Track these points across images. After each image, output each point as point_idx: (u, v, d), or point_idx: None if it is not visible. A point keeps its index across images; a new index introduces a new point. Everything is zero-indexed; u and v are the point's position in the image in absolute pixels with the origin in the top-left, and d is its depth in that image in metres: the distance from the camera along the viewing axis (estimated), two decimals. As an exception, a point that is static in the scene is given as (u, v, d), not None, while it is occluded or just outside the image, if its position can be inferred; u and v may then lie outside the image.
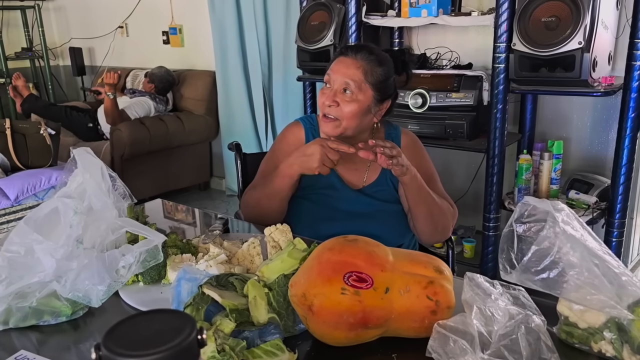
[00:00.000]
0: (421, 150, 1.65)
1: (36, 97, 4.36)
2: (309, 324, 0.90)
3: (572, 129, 2.74)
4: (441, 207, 1.50)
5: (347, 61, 1.46)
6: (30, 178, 2.93)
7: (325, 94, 1.47)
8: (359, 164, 1.58)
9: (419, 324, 0.88)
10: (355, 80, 1.44)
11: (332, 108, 1.45)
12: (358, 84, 1.44)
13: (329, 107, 1.45)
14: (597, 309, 0.80)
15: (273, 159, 1.62)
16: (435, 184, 1.59)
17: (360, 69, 1.45)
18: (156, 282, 1.16)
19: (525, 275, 0.82)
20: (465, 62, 2.85)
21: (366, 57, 1.46)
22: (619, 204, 2.34)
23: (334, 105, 1.44)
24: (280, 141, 1.66)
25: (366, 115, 1.48)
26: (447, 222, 1.53)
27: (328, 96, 1.45)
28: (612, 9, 2.28)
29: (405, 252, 0.98)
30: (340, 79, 1.45)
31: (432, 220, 1.49)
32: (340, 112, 1.45)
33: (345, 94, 1.45)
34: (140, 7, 4.82)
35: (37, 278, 0.98)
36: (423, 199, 1.45)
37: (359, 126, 1.49)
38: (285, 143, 1.64)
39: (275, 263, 0.98)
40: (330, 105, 1.44)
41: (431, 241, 1.64)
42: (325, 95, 1.46)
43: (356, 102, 1.44)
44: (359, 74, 1.44)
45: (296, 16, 3.23)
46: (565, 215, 0.84)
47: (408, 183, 1.40)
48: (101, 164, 1.15)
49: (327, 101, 1.45)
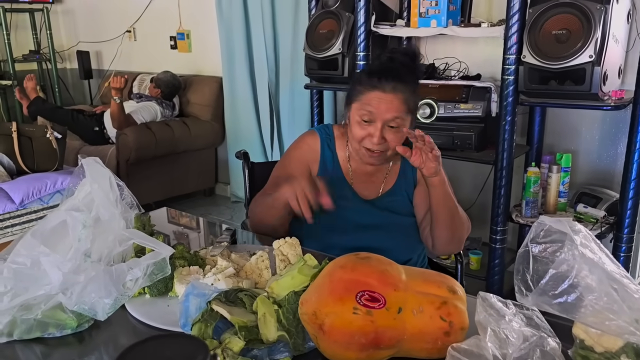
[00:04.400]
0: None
1: (43, 100, 4.37)
2: (319, 343, 0.89)
3: (581, 142, 2.72)
4: (461, 215, 1.50)
5: (387, 97, 1.43)
6: (36, 182, 2.93)
7: (369, 131, 1.44)
8: (375, 175, 1.57)
9: (432, 345, 0.87)
10: (400, 114, 1.43)
11: (380, 145, 1.45)
12: (403, 117, 1.44)
13: (378, 145, 1.44)
14: (615, 335, 0.79)
15: (285, 166, 1.61)
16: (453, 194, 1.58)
17: (402, 102, 1.43)
18: (163, 294, 1.14)
19: (542, 299, 0.80)
20: (473, 72, 2.84)
21: (402, 89, 1.44)
22: (628, 219, 2.32)
23: (382, 142, 1.44)
24: (294, 149, 1.64)
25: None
26: (463, 232, 1.52)
27: (376, 135, 1.43)
28: (623, 22, 2.27)
29: (419, 271, 0.96)
30: (386, 116, 1.43)
31: (452, 227, 1.48)
32: (388, 146, 1.45)
33: (391, 128, 1.44)
34: (148, 12, 4.83)
35: (43, 290, 0.97)
36: (447, 204, 1.44)
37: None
38: (299, 152, 1.62)
39: (285, 279, 0.96)
40: (379, 143, 1.44)
41: (445, 251, 1.62)
42: (368, 133, 1.45)
43: (401, 133, 1.45)
44: (402, 108, 1.43)
45: (304, 24, 3.23)
46: (582, 237, 0.82)
47: (437, 185, 1.39)
48: (109, 174, 1.13)
49: (375, 139, 1.43)
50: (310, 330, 0.89)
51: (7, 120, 5.14)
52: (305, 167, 1.59)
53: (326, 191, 1.33)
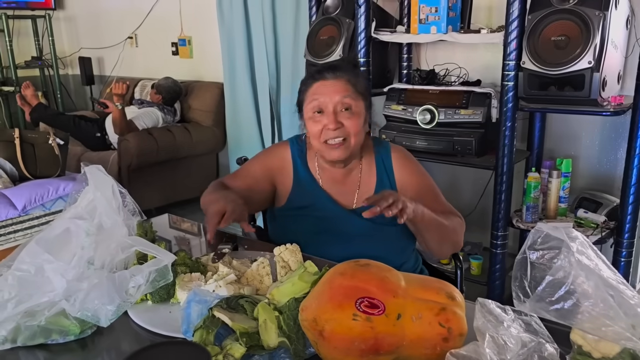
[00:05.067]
0: (416, 165, 1.61)
1: (45, 106, 4.39)
2: (319, 349, 0.90)
3: (581, 148, 2.73)
4: (450, 226, 1.47)
5: (331, 82, 1.45)
6: (38, 188, 2.94)
7: (322, 120, 1.44)
8: (347, 185, 1.57)
9: (431, 351, 0.88)
10: (349, 95, 1.43)
11: (338, 130, 1.43)
12: (353, 98, 1.44)
13: (335, 131, 1.43)
14: (612, 341, 0.80)
15: (251, 166, 1.64)
16: (439, 198, 1.57)
17: (348, 83, 1.45)
18: (165, 301, 1.15)
19: (539, 305, 0.81)
20: (473, 78, 2.85)
21: (345, 73, 1.46)
22: (628, 224, 2.32)
23: (339, 127, 1.43)
24: (263, 155, 1.67)
25: (364, 126, 1.49)
26: (457, 237, 1.51)
27: (330, 120, 1.42)
28: (622, 28, 2.28)
29: (418, 278, 0.97)
30: (334, 99, 1.43)
31: (443, 240, 1.48)
32: (346, 131, 1.44)
33: (345, 112, 1.43)
34: (150, 18, 4.85)
35: (46, 297, 0.98)
36: (432, 227, 1.42)
37: (361, 140, 1.49)
38: (268, 158, 1.64)
39: (285, 286, 0.97)
40: (335, 128, 1.42)
41: (443, 255, 1.62)
42: (322, 122, 1.44)
43: (357, 115, 1.45)
44: (350, 88, 1.44)
45: (305, 30, 3.25)
46: (579, 244, 0.83)
47: (416, 222, 1.37)
48: (112, 182, 1.15)
49: (330, 125, 1.42)
50: (311, 337, 0.90)
51: (10, 126, 5.16)
52: (268, 173, 1.61)
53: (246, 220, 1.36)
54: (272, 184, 1.62)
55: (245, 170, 1.64)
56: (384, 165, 1.57)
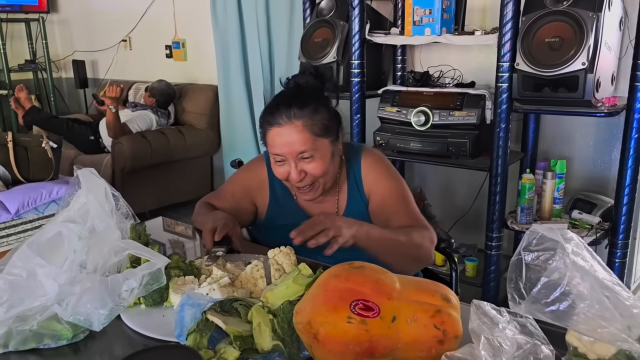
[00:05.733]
0: (386, 170, 1.52)
1: (38, 109, 4.37)
2: (314, 352, 0.89)
3: (575, 149, 2.74)
4: (410, 242, 1.35)
5: (285, 130, 1.34)
6: (31, 191, 2.92)
7: (285, 167, 1.38)
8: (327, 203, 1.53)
9: (426, 354, 0.87)
10: (305, 143, 1.34)
11: (303, 180, 1.38)
12: (311, 144, 1.34)
13: (300, 181, 1.38)
14: (608, 342, 0.79)
15: (230, 187, 1.62)
16: (408, 206, 1.46)
17: (304, 129, 1.34)
18: (158, 304, 1.14)
19: (534, 307, 0.81)
20: (468, 80, 2.85)
21: (300, 114, 1.34)
22: (623, 225, 2.33)
23: (303, 177, 1.38)
24: (241, 172, 1.65)
25: (333, 159, 1.42)
26: (420, 252, 1.38)
27: (293, 173, 1.36)
28: (615, 30, 2.29)
29: (413, 280, 0.97)
30: (290, 152, 1.35)
31: (401, 258, 1.35)
32: (312, 176, 1.39)
33: (305, 160, 1.36)
34: (144, 21, 4.84)
35: (38, 302, 0.97)
36: (381, 246, 1.31)
37: (333, 172, 1.44)
38: (245, 178, 1.62)
39: (280, 289, 0.96)
40: (300, 179, 1.37)
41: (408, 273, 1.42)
42: (286, 170, 1.38)
43: (320, 158, 1.37)
44: (306, 135, 1.34)
45: (299, 32, 3.25)
46: (574, 246, 0.83)
47: (360, 245, 1.26)
48: (105, 185, 1.14)
49: (293, 176, 1.37)
50: (305, 340, 0.89)
51: (3, 130, 5.14)
52: (246, 191, 1.58)
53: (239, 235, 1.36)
54: (253, 203, 1.59)
55: (225, 191, 1.61)
56: (354, 175, 1.51)
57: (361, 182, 1.51)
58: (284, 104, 1.36)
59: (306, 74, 1.45)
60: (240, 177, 1.64)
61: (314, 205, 1.54)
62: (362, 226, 1.27)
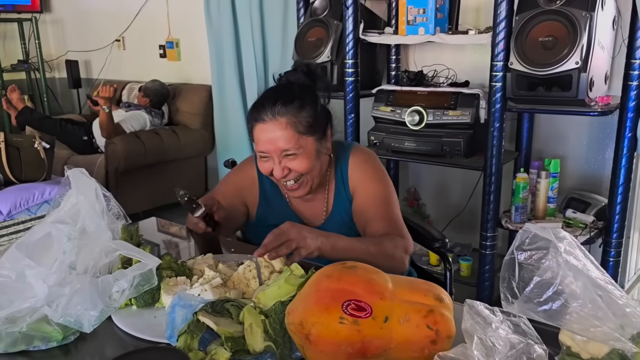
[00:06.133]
0: (372, 171, 1.50)
1: (31, 109, 4.34)
2: (306, 353, 0.88)
3: (569, 148, 2.74)
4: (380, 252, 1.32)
5: (269, 126, 1.34)
6: (24, 192, 2.90)
7: (269, 163, 1.38)
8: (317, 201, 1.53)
9: (419, 354, 0.86)
10: (289, 141, 1.34)
11: (286, 176, 1.39)
12: (295, 142, 1.35)
13: (284, 177, 1.39)
14: (601, 341, 0.79)
15: (222, 189, 1.61)
16: (387, 210, 1.44)
17: (287, 127, 1.34)
18: (150, 305, 1.14)
19: (527, 306, 0.81)
20: (462, 79, 2.85)
21: (285, 111, 1.34)
22: (616, 224, 2.33)
23: (287, 173, 1.38)
24: (232, 174, 1.65)
25: (319, 157, 1.42)
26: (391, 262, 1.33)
27: (276, 169, 1.37)
28: (609, 29, 2.29)
29: (405, 280, 0.96)
30: (274, 149, 1.35)
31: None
32: (296, 172, 1.39)
33: (289, 156, 1.36)
34: (137, 21, 4.82)
35: (28, 303, 0.96)
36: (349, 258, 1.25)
37: (320, 169, 1.44)
38: (235, 177, 1.63)
39: (271, 289, 0.96)
40: (283, 175, 1.38)
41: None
42: (270, 165, 1.38)
43: (304, 156, 1.37)
44: (290, 132, 1.34)
45: (293, 32, 3.24)
46: (567, 245, 0.82)
47: (330, 257, 1.23)
48: (95, 185, 1.13)
49: (277, 173, 1.38)
50: (297, 341, 0.89)
51: (-5, 130, 5.10)
52: (237, 192, 1.58)
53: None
54: (245, 205, 1.59)
55: (217, 192, 1.60)
56: (341, 173, 1.51)
57: (347, 179, 1.50)
58: (269, 100, 1.36)
59: (298, 71, 1.44)
60: (231, 178, 1.64)
61: (304, 205, 1.54)
62: (328, 238, 1.25)
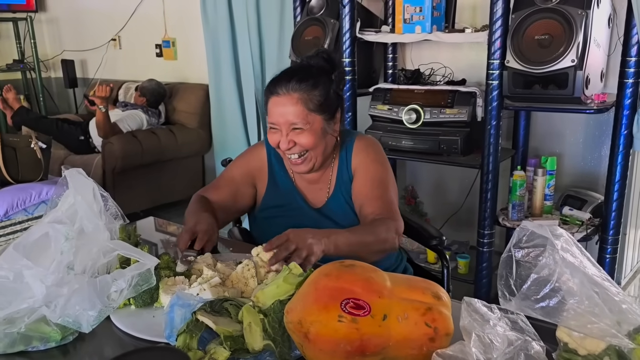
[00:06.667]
0: (375, 154, 1.57)
1: (27, 109, 4.33)
2: (305, 351, 0.88)
3: (565, 145, 2.75)
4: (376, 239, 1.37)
5: (282, 100, 1.43)
6: (20, 192, 2.89)
7: (277, 134, 1.45)
8: (321, 184, 1.58)
9: (417, 352, 0.87)
10: (298, 116, 1.42)
11: (292, 148, 1.45)
12: (303, 117, 1.42)
13: (290, 149, 1.45)
14: (597, 338, 0.79)
15: (231, 172, 1.65)
16: (383, 192, 1.50)
17: (298, 102, 1.42)
18: (148, 305, 1.14)
19: (524, 303, 0.81)
20: (459, 78, 2.85)
21: (298, 87, 1.42)
22: (613, 221, 2.34)
23: (292, 146, 1.45)
24: (241, 157, 1.68)
25: (325, 137, 1.48)
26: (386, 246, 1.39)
27: (282, 141, 1.44)
28: (604, 27, 2.30)
29: (403, 278, 0.97)
30: (285, 119, 1.43)
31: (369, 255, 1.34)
32: (301, 147, 1.45)
33: (296, 130, 1.44)
34: (133, 20, 4.81)
35: (26, 304, 0.96)
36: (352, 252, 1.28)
37: (325, 149, 1.50)
38: (246, 161, 1.65)
39: (270, 288, 0.96)
40: (289, 147, 1.45)
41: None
42: (278, 137, 1.45)
43: (310, 132, 1.44)
44: (300, 108, 1.42)
45: (290, 31, 3.24)
46: (564, 242, 0.83)
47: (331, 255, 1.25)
48: (93, 185, 1.13)
49: (283, 145, 1.44)
50: (296, 339, 0.89)
51: (-9, 130, 5.09)
52: (248, 175, 1.62)
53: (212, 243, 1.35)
54: (254, 186, 1.63)
55: (225, 177, 1.64)
56: (345, 156, 1.57)
57: (350, 160, 1.56)
58: (286, 76, 1.45)
59: (318, 56, 1.52)
60: (240, 161, 1.67)
61: (308, 186, 1.59)
62: (329, 238, 1.26)
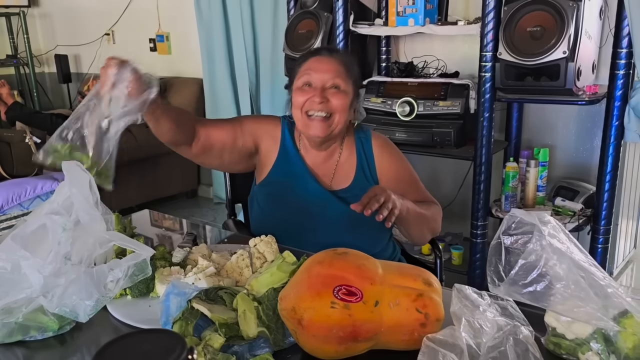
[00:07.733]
0: (396, 152, 1.62)
1: (21, 105, 4.30)
2: (298, 337, 0.90)
3: (558, 137, 2.77)
4: (430, 215, 1.52)
5: (326, 59, 1.48)
6: (15, 187, 2.90)
7: (310, 92, 1.45)
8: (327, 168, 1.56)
9: (409, 337, 0.89)
10: (340, 75, 1.46)
11: (322, 105, 1.43)
12: (344, 79, 1.46)
13: (320, 104, 1.43)
14: (584, 321, 0.81)
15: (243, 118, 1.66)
16: (418, 185, 1.61)
17: (342, 64, 1.47)
18: (144, 295, 1.15)
19: (513, 288, 0.83)
20: (452, 70, 2.87)
21: (342, 56, 1.51)
22: (604, 211, 2.36)
23: (324, 102, 1.43)
24: (259, 116, 1.71)
25: (349, 111, 1.50)
26: (436, 224, 1.57)
27: (316, 94, 1.43)
28: (596, 18, 2.32)
29: (395, 265, 0.98)
30: (325, 76, 1.45)
31: (424, 230, 1.53)
32: (331, 107, 1.45)
33: (333, 89, 1.45)
34: (127, 15, 4.80)
35: (23, 294, 0.97)
36: (415, 220, 1.45)
37: (345, 123, 1.49)
38: (262, 118, 1.65)
39: (264, 276, 0.98)
40: (321, 102, 1.43)
41: (423, 243, 1.70)
42: (310, 94, 1.44)
43: (345, 94, 1.46)
44: (342, 69, 1.47)
45: (283, 24, 3.24)
46: (551, 228, 0.85)
47: (402, 218, 1.38)
48: (89, 177, 1.14)
49: (316, 98, 1.43)
50: (290, 326, 0.91)
51: (-15, 126, 5.07)
52: (257, 128, 1.58)
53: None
54: (256, 145, 1.58)
55: (235, 119, 1.63)
56: (364, 150, 1.58)
57: (372, 159, 1.58)
58: (327, 48, 1.58)
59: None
60: (255, 116, 1.70)
61: (318, 165, 1.56)
62: (404, 201, 1.37)
